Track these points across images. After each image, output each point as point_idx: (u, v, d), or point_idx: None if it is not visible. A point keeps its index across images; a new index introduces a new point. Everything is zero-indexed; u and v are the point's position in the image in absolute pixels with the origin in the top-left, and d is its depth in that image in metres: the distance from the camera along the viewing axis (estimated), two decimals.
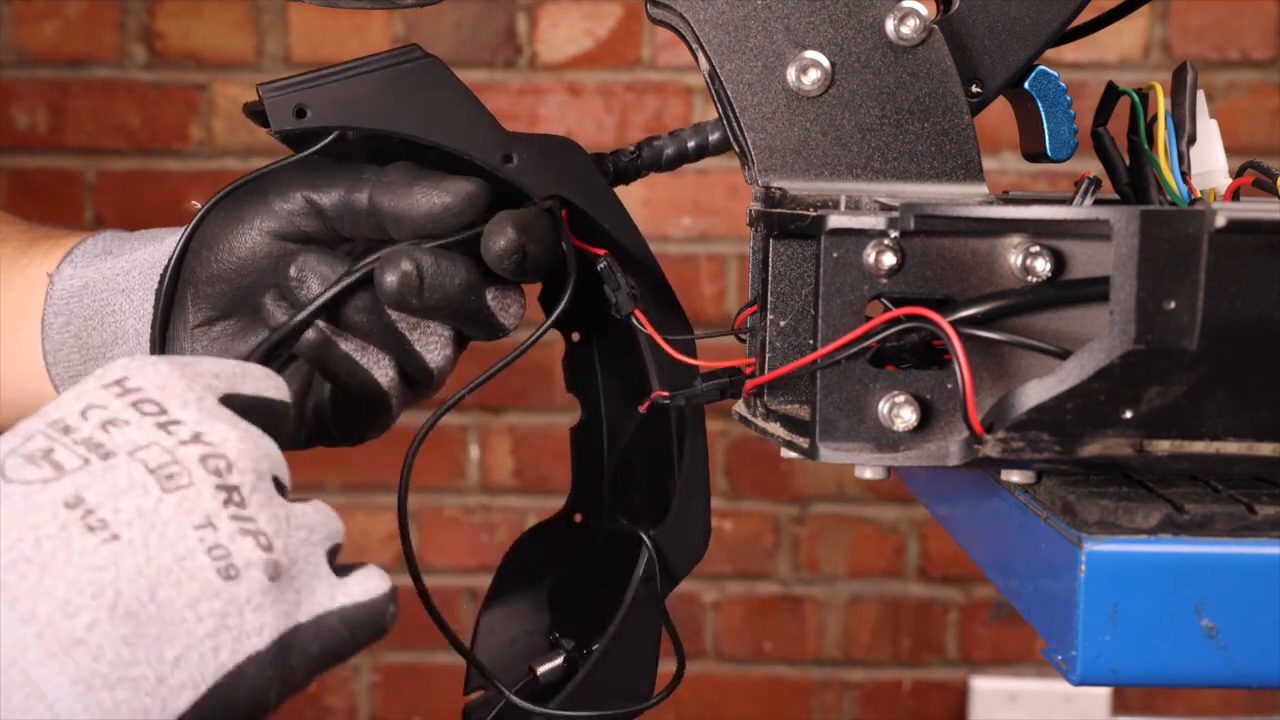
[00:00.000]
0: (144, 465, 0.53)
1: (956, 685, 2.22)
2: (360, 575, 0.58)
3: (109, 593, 0.50)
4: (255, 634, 0.52)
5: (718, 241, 2.13)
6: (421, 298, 0.71)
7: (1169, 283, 0.58)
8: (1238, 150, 0.88)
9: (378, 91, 0.73)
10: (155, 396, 0.55)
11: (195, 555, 0.52)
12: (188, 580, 0.51)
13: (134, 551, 0.51)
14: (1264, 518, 0.62)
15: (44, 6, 2.15)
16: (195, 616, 0.51)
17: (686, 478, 0.79)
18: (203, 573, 0.52)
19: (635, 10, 2.10)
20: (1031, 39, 0.75)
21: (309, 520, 0.57)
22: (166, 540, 0.52)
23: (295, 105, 0.73)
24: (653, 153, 0.80)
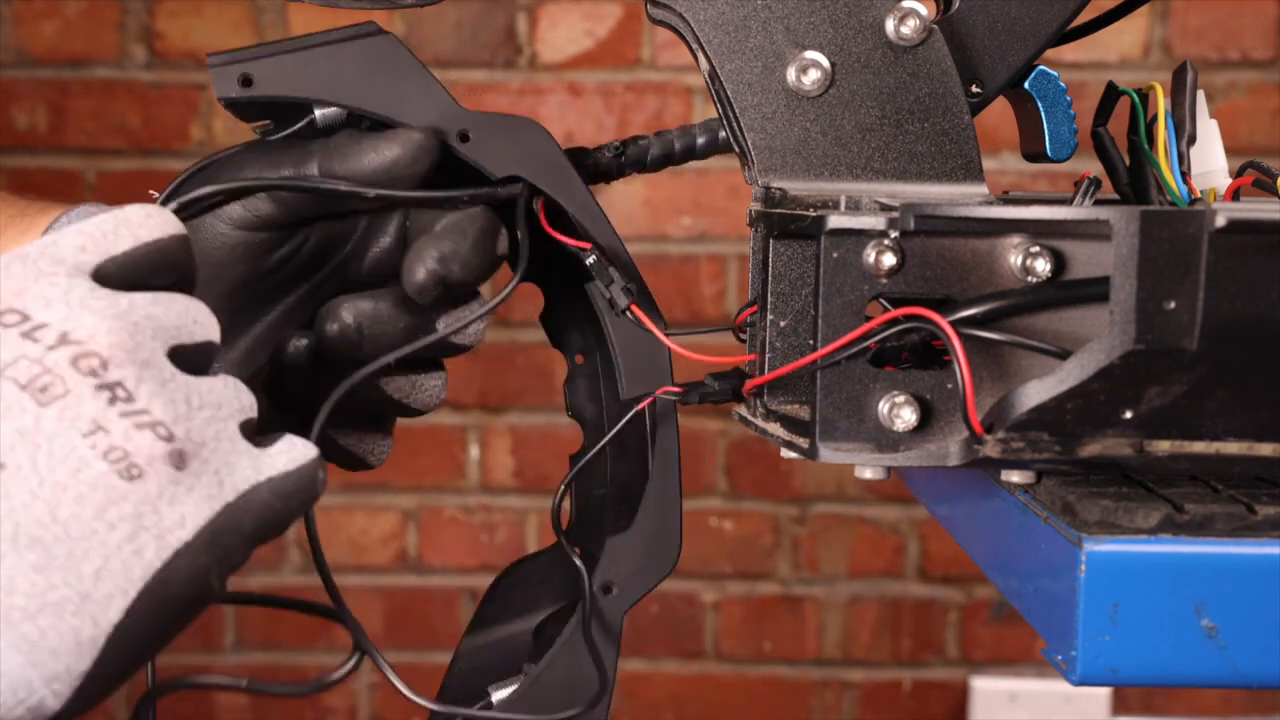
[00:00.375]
0: (15, 383, 0.50)
1: (956, 685, 2.22)
2: (283, 445, 0.54)
3: (6, 523, 0.48)
4: (178, 526, 0.50)
5: (718, 241, 2.13)
6: (362, 350, 0.70)
7: (1169, 283, 0.58)
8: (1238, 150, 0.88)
9: (328, 64, 0.71)
10: (15, 304, 0.51)
11: (90, 464, 0.49)
12: (89, 491, 0.49)
13: (23, 476, 0.49)
14: (1264, 518, 0.62)
15: (44, 6, 2.15)
16: (107, 525, 0.49)
17: (655, 488, 0.76)
18: (103, 479, 0.49)
19: (635, 10, 2.10)
20: (1031, 39, 0.75)
21: (214, 396, 0.53)
22: (55, 456, 0.49)
23: (241, 74, 0.72)
24: (637, 151, 0.80)
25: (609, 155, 0.79)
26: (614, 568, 0.75)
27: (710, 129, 0.79)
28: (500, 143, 0.72)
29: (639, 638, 2.22)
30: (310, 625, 2.20)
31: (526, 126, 0.73)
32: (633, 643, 2.22)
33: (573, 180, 0.74)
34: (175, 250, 0.56)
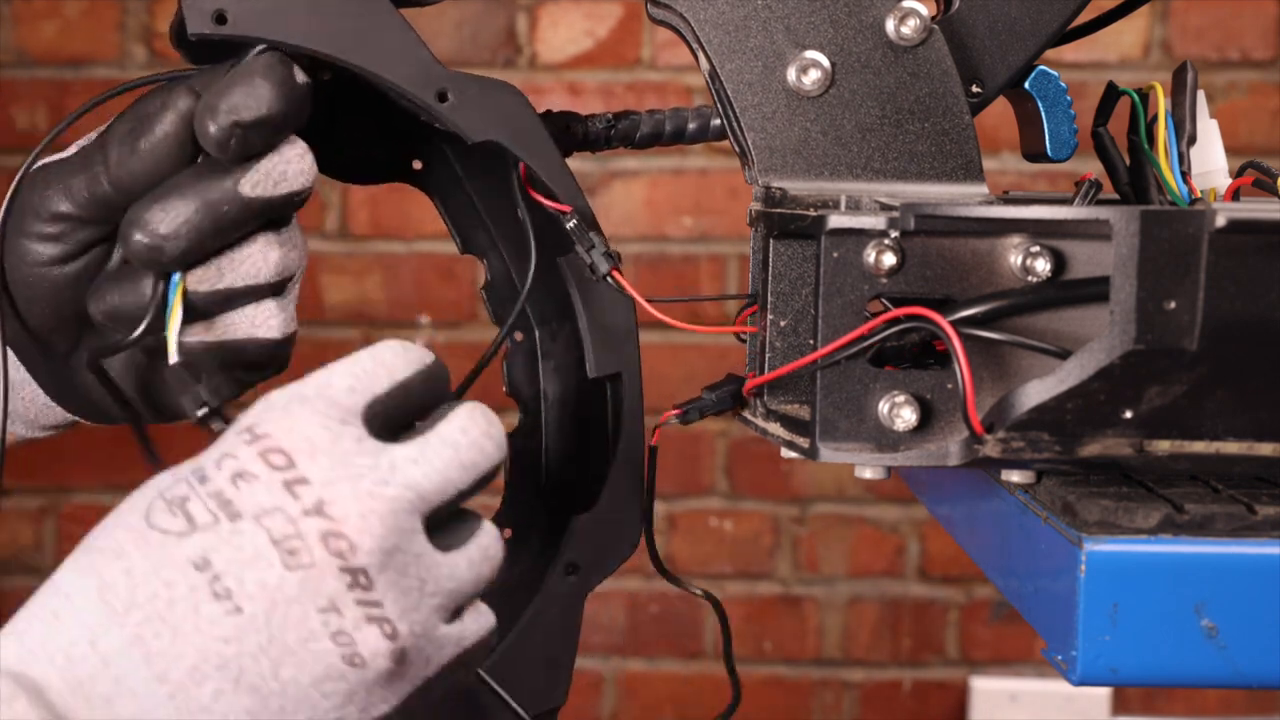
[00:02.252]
0: (268, 535, 0.53)
1: (956, 685, 2.22)
2: (473, 613, 0.58)
3: (233, 666, 0.52)
4: (381, 703, 0.54)
5: (718, 241, 2.13)
6: (171, 249, 0.65)
7: (1169, 283, 0.58)
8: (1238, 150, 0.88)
9: (308, 8, 0.68)
10: (284, 445, 0.54)
11: (319, 639, 0.53)
12: (311, 662, 0.53)
13: (256, 628, 0.52)
14: (1264, 518, 0.62)
15: (44, 6, 2.15)
16: (320, 694, 0.53)
17: (621, 464, 0.74)
18: (327, 656, 0.53)
19: (635, 10, 2.10)
20: (1031, 39, 0.75)
21: (448, 584, 0.56)
22: (290, 621, 0.52)
23: (215, 10, 0.67)
24: (628, 126, 0.79)
25: (600, 125, 0.79)
26: (578, 549, 0.74)
27: (703, 115, 0.79)
28: (478, 105, 0.70)
29: (639, 638, 2.22)
30: None
31: (504, 90, 0.71)
32: (633, 643, 2.22)
33: (548, 146, 0.72)
34: (427, 381, 0.59)
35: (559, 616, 0.74)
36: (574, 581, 0.74)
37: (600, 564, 0.74)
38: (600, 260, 0.71)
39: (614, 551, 0.74)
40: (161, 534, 0.53)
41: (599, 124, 0.78)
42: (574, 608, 0.74)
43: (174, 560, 0.53)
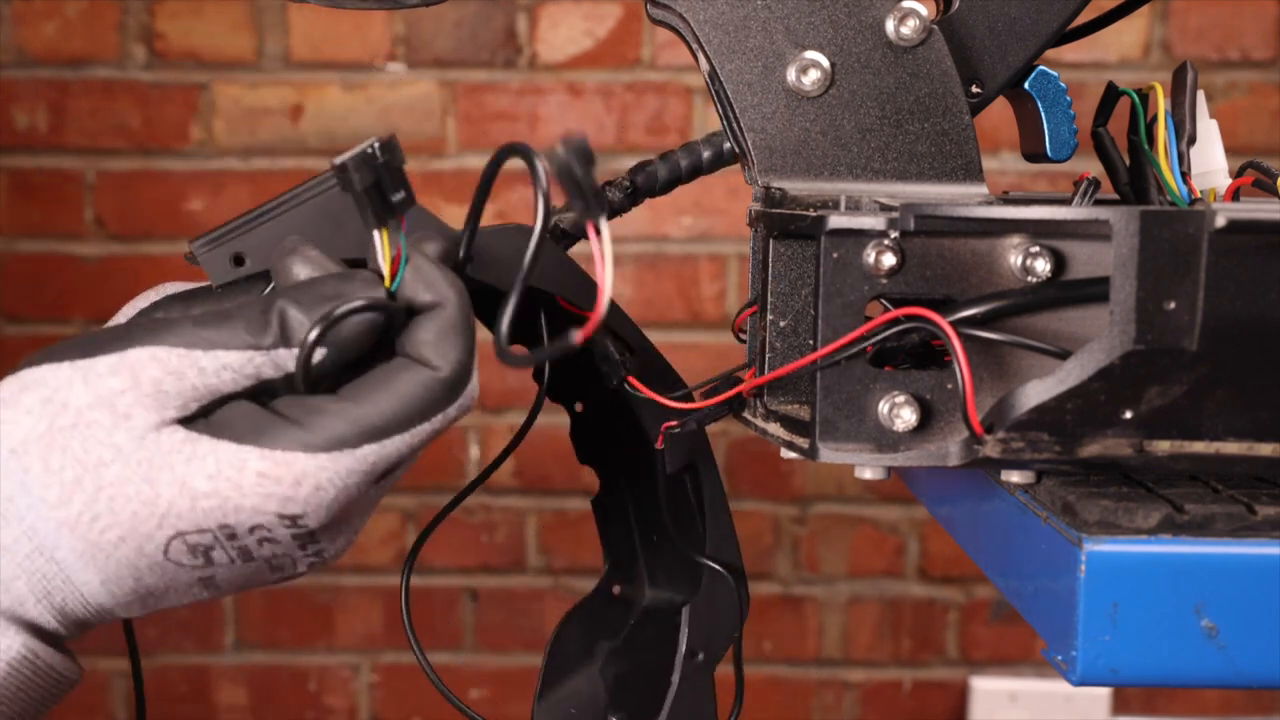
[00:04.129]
0: (269, 565, 0.62)
1: (956, 685, 2.22)
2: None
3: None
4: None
5: (718, 241, 2.13)
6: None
7: (1169, 283, 0.58)
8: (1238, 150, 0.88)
9: (313, 223, 0.70)
10: (314, 528, 0.61)
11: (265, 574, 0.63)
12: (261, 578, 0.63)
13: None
14: (1264, 518, 0.62)
15: (44, 6, 2.15)
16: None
17: (712, 549, 0.81)
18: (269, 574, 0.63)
19: (635, 10, 2.10)
20: (1031, 39, 0.75)
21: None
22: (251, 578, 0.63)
23: (233, 254, 0.70)
24: (646, 180, 0.80)
25: (620, 194, 0.80)
26: (697, 633, 0.80)
27: (713, 144, 0.79)
28: (497, 256, 0.72)
29: None
30: (310, 626, 2.20)
31: (520, 235, 0.72)
32: None
33: (570, 272, 0.75)
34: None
35: (695, 697, 0.81)
36: (700, 663, 0.81)
37: (716, 643, 0.81)
38: (614, 369, 0.75)
39: (722, 630, 0.81)
40: (177, 566, 0.60)
41: (618, 191, 0.79)
42: (707, 685, 0.81)
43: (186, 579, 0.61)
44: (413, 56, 2.15)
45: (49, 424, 0.58)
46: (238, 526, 0.59)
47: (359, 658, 2.20)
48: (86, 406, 0.58)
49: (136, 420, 0.58)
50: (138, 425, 0.58)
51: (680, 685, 0.80)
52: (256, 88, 2.13)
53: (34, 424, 0.58)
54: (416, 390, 0.60)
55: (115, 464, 0.58)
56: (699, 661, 0.80)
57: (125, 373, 0.58)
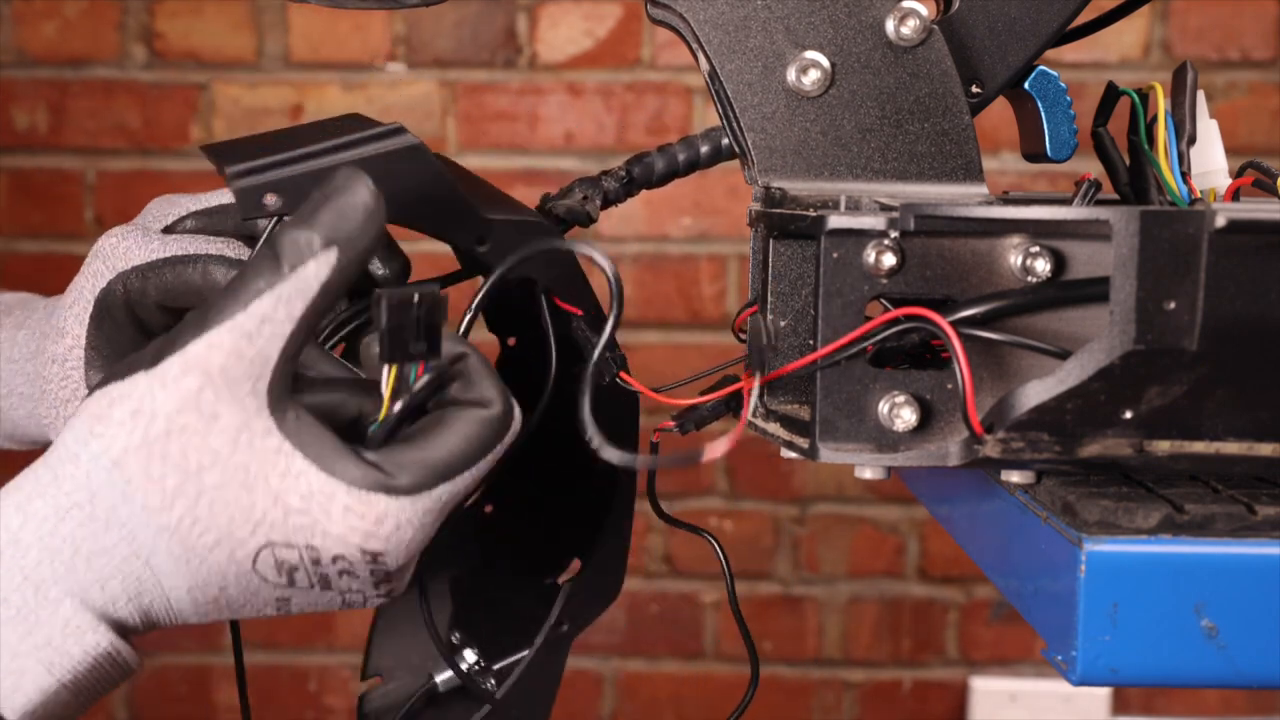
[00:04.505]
0: (343, 599, 0.65)
1: (956, 685, 2.22)
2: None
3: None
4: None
5: (718, 241, 2.13)
6: None
7: (1169, 283, 0.58)
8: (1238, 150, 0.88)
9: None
10: (392, 570, 0.64)
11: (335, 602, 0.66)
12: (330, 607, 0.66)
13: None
14: (1264, 518, 0.62)
15: (44, 6, 2.15)
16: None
17: (610, 534, 0.81)
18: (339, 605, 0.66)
19: (635, 10, 2.10)
20: (1031, 39, 0.75)
21: None
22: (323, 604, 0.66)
23: (269, 194, 0.70)
24: (643, 171, 0.80)
25: (616, 183, 0.80)
26: (570, 608, 0.81)
27: (711, 138, 0.79)
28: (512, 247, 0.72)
29: (639, 638, 2.22)
30: (309, 626, 2.20)
31: (539, 231, 0.75)
32: (633, 643, 2.22)
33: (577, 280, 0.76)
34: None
35: (551, 663, 0.81)
36: (564, 633, 0.81)
37: (585, 618, 0.82)
38: (607, 366, 0.75)
39: (595, 609, 0.82)
40: (262, 580, 0.63)
41: (614, 181, 0.79)
42: (563, 654, 0.82)
43: (266, 596, 0.64)
44: (413, 56, 2.15)
45: (143, 435, 0.60)
46: (323, 551, 0.62)
47: (359, 658, 2.20)
48: (175, 412, 0.60)
49: (224, 419, 0.61)
50: (228, 425, 0.61)
51: (540, 650, 0.80)
52: (256, 88, 2.13)
53: (129, 436, 0.60)
54: (477, 429, 0.64)
55: (214, 468, 0.61)
56: (564, 631, 0.81)
57: (194, 369, 0.60)
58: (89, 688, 0.62)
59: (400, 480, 0.63)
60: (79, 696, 0.62)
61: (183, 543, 0.61)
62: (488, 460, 0.65)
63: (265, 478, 0.61)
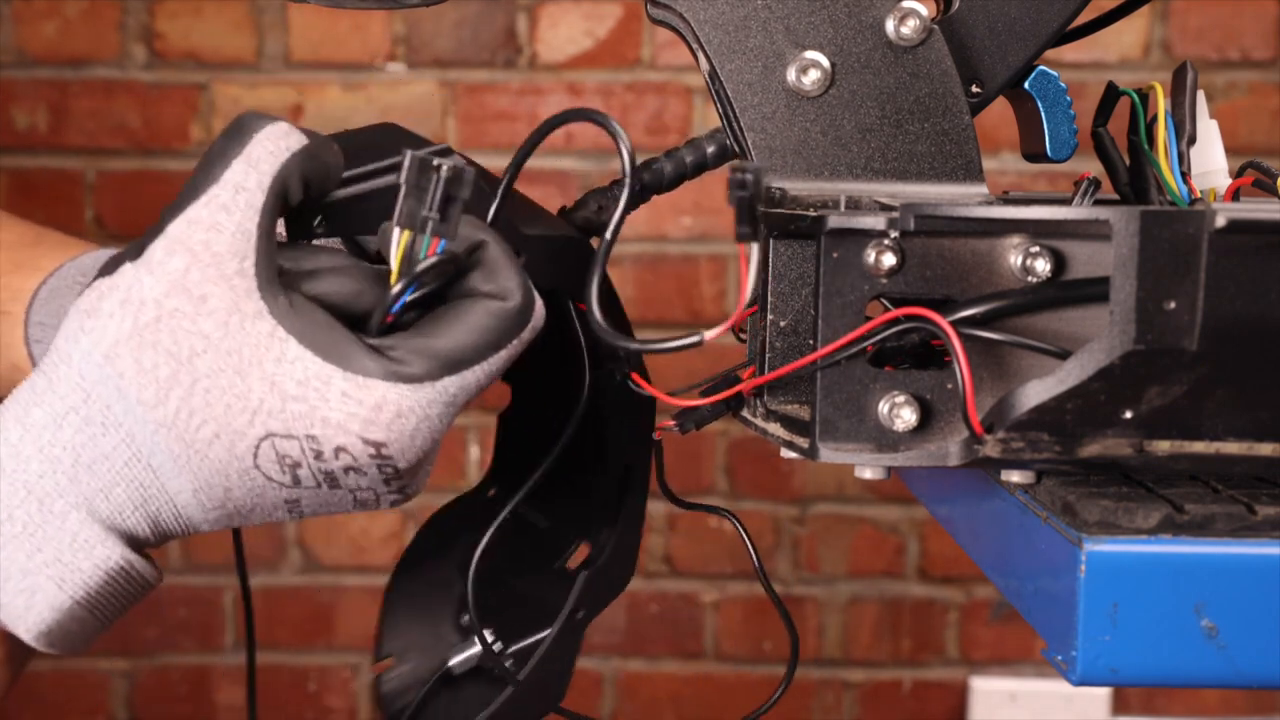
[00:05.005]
0: (354, 499, 0.63)
1: (956, 685, 2.22)
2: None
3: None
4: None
5: (718, 241, 2.13)
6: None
7: (1169, 283, 0.58)
8: (1238, 150, 0.88)
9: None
10: (401, 466, 0.62)
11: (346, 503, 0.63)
12: (343, 508, 0.64)
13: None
14: (1264, 518, 0.62)
15: (44, 6, 2.15)
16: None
17: (624, 524, 0.82)
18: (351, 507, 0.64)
19: (635, 10, 2.10)
20: (1031, 39, 0.75)
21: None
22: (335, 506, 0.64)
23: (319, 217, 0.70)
24: (653, 176, 0.81)
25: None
26: (586, 596, 0.82)
27: (716, 139, 0.79)
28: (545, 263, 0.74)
29: (639, 638, 2.22)
30: (310, 626, 2.20)
31: (572, 248, 0.76)
32: (633, 643, 2.22)
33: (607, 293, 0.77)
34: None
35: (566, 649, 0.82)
36: (579, 620, 0.82)
37: (599, 604, 0.83)
38: (618, 365, 0.76)
39: (608, 595, 0.83)
40: (265, 479, 0.60)
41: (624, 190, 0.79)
42: (577, 640, 0.83)
43: (273, 498, 0.61)
44: (413, 56, 2.15)
45: (133, 322, 0.58)
46: (323, 441, 0.60)
47: (359, 658, 2.20)
48: (162, 296, 0.59)
49: (213, 300, 0.59)
50: (218, 306, 0.59)
51: (557, 637, 0.81)
52: (256, 88, 2.13)
53: (119, 326, 0.59)
54: (491, 321, 0.62)
55: (207, 354, 0.58)
56: (579, 618, 0.82)
57: (178, 249, 0.59)
58: (106, 604, 0.60)
59: (404, 368, 0.60)
60: (96, 613, 0.60)
61: (181, 438, 0.59)
62: (502, 355, 0.63)
63: (259, 362, 0.59)
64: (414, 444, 0.61)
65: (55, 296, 0.82)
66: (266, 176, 0.60)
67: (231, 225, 0.59)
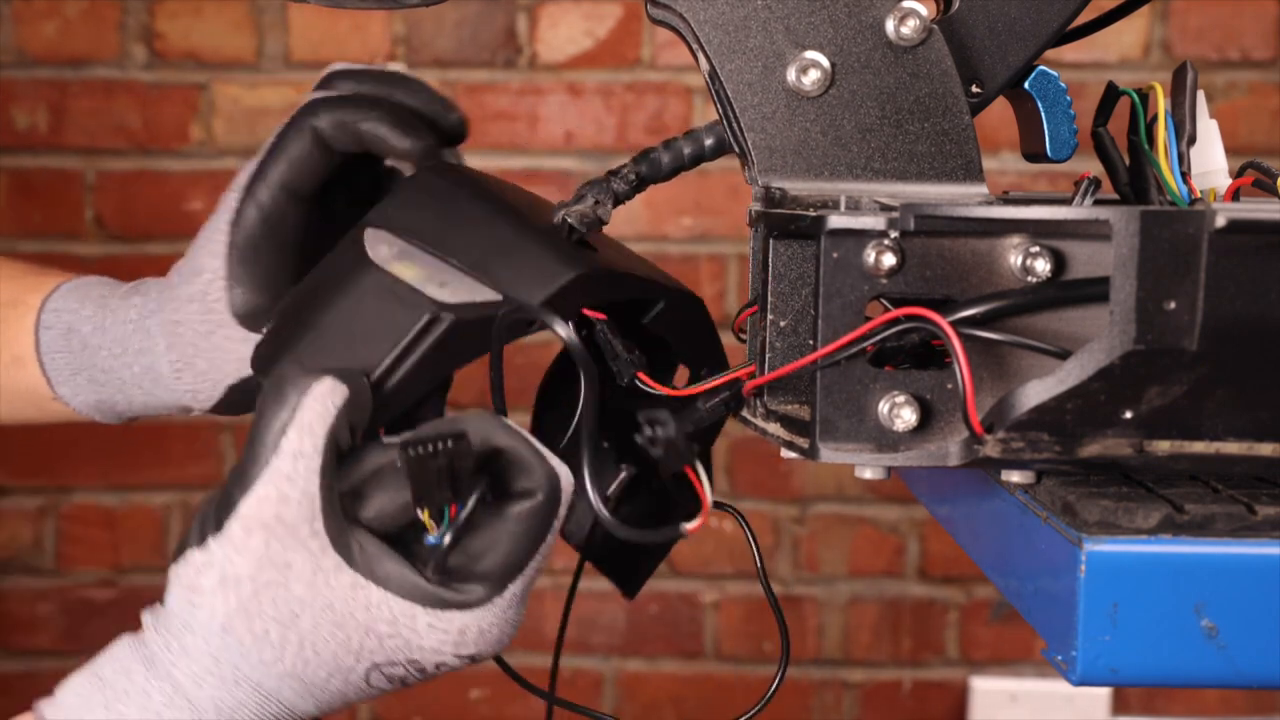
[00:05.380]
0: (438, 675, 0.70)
1: (956, 685, 2.22)
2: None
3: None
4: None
5: (718, 241, 2.13)
6: None
7: (1169, 283, 0.58)
8: (1238, 150, 0.88)
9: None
10: (485, 656, 0.69)
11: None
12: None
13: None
14: (1264, 518, 0.62)
15: (44, 6, 2.15)
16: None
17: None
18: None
19: (635, 10, 2.10)
20: (1031, 39, 0.75)
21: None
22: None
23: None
24: (651, 167, 0.80)
25: (625, 185, 0.80)
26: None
27: (715, 131, 0.79)
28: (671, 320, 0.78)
29: (639, 638, 2.22)
30: None
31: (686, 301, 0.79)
32: (633, 643, 2.22)
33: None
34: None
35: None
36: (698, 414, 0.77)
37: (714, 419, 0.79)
38: (624, 367, 0.76)
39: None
40: (377, 690, 0.69)
41: (623, 183, 0.79)
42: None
43: (368, 692, 0.69)
44: (413, 56, 2.15)
45: (236, 599, 0.66)
46: (425, 663, 0.68)
47: None
48: (255, 572, 0.66)
49: (297, 565, 0.66)
50: (302, 570, 0.66)
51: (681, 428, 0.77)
52: (256, 88, 2.13)
53: (225, 603, 0.66)
54: (529, 524, 0.69)
55: (305, 614, 0.66)
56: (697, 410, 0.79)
57: (255, 528, 0.66)
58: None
59: (470, 596, 0.68)
60: None
61: (301, 681, 0.67)
62: (548, 543, 0.69)
63: (351, 614, 0.66)
64: (501, 643, 0.70)
65: (78, 288, 0.87)
66: (320, 438, 0.66)
67: (297, 494, 0.66)
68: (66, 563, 2.22)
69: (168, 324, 0.83)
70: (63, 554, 2.22)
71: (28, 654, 2.23)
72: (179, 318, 0.82)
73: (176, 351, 0.82)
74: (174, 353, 0.83)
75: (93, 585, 2.22)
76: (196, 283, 0.81)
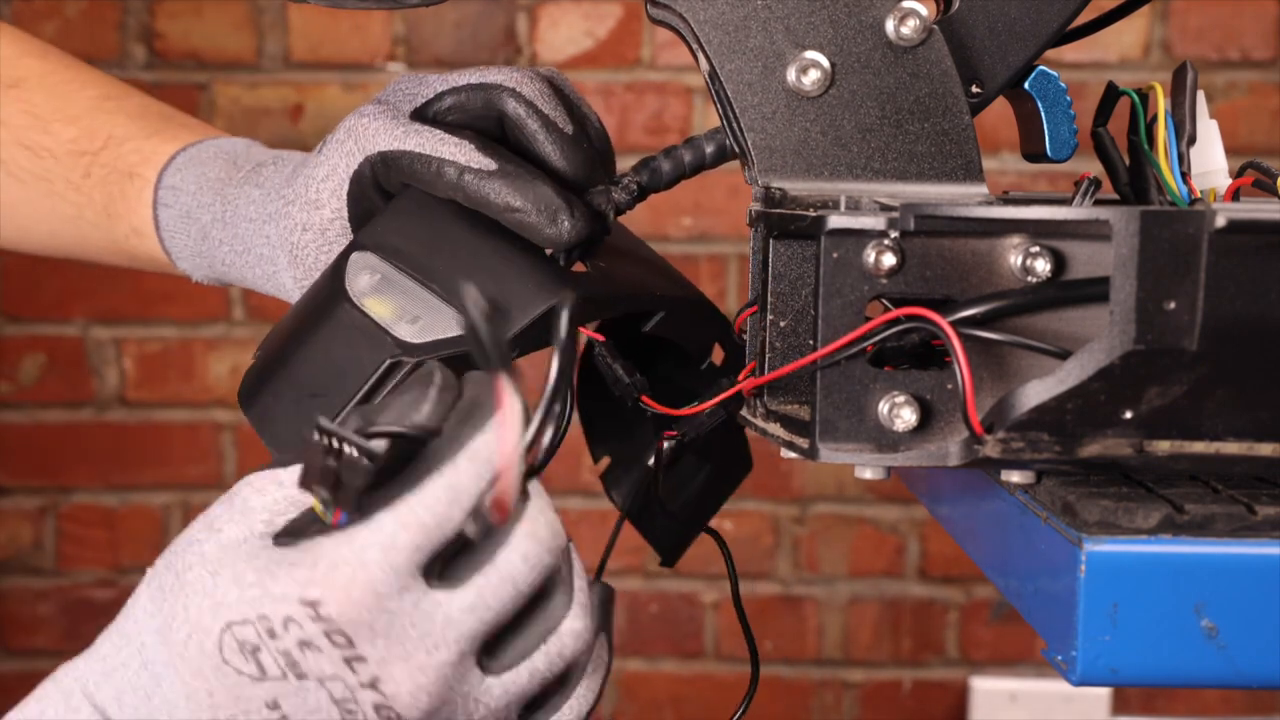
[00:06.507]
0: (329, 695, 0.58)
1: (956, 685, 2.22)
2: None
3: None
4: None
5: (718, 241, 2.13)
6: None
7: (1169, 283, 0.58)
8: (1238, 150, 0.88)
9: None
10: (345, 629, 0.57)
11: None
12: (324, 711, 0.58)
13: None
14: (1264, 518, 0.62)
15: (44, 6, 2.15)
16: None
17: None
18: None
19: (635, 10, 2.10)
20: (1031, 39, 0.75)
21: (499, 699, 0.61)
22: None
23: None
24: (652, 176, 0.80)
25: (627, 196, 0.80)
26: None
27: (715, 139, 0.79)
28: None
29: (639, 638, 2.22)
30: None
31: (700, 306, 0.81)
32: (633, 643, 2.22)
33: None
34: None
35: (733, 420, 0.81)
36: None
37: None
38: (625, 391, 0.77)
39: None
40: (236, 673, 0.58)
41: (624, 194, 0.80)
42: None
43: (250, 696, 0.58)
44: (413, 56, 2.15)
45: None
46: (273, 617, 0.57)
47: None
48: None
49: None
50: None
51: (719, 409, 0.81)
52: (256, 88, 2.13)
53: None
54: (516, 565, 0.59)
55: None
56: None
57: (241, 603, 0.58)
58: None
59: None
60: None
61: (166, 643, 0.60)
62: (441, 485, 0.59)
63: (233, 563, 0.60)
64: (350, 596, 0.56)
65: (193, 164, 0.87)
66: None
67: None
68: (66, 563, 2.22)
69: (286, 242, 0.82)
70: (63, 554, 2.22)
71: (28, 654, 2.23)
72: (296, 239, 0.81)
73: (299, 268, 0.82)
74: (296, 269, 0.82)
75: (93, 585, 2.22)
76: (315, 215, 0.80)
